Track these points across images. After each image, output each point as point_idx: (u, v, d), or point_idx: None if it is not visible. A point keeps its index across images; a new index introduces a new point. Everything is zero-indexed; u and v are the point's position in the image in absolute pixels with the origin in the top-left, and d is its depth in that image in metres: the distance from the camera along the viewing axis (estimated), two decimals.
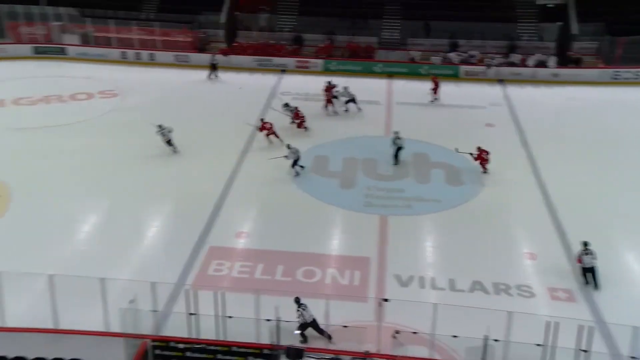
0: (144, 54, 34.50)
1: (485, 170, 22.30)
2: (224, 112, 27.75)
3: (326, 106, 28.08)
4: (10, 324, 13.75)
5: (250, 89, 30.97)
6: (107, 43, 35.23)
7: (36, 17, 35.28)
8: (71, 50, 34.76)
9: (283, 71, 33.99)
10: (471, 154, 22.38)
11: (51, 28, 35.37)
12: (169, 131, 23.14)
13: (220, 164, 22.62)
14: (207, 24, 36.59)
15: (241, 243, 18.21)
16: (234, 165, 22.63)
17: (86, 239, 18.24)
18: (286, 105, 26.44)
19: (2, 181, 20.67)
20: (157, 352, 13.15)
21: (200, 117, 27.12)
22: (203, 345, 13.18)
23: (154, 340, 13.20)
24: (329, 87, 28.21)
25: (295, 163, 21.98)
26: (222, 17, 36.69)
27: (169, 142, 23.28)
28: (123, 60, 34.28)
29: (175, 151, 23.37)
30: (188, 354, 13.09)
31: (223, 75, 32.80)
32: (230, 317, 13.61)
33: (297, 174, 22.00)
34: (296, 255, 17.44)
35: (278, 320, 13.19)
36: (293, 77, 33.28)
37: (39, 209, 19.29)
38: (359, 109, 28.25)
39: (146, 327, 13.50)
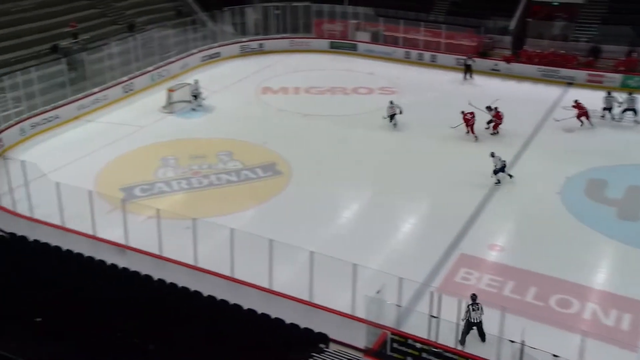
0: (427, 55, 35.15)
1: None
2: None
3: (584, 121, 26.29)
4: (275, 288, 15.24)
5: (530, 101, 29.62)
6: (394, 42, 36.73)
7: (337, 15, 38.37)
8: (361, 46, 37.00)
9: (570, 84, 31.70)
10: None
11: (348, 25, 38.17)
12: (397, 107, 25.56)
13: (486, 172, 22.00)
14: (495, 29, 35.82)
15: (493, 255, 17.62)
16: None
17: (346, 224, 19.38)
18: (489, 108, 25.53)
19: (285, 159, 23.01)
20: (395, 345, 13.39)
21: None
22: (440, 350, 13.06)
23: (393, 334, 13.48)
24: (579, 105, 26.34)
25: (500, 170, 21.23)
26: (512, 23, 35.58)
27: (391, 117, 25.68)
28: (405, 60, 35.37)
29: (394, 125, 25.72)
30: (424, 355, 13.10)
31: (504, 83, 32.05)
32: (472, 328, 13.28)
33: (499, 181, 21.17)
34: (553, 281, 16.25)
35: (522, 344, 12.44)
36: (580, 91, 30.82)
37: (312, 189, 21.05)
38: (637, 122, 25.99)
39: (388, 319, 13.83)
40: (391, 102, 26.08)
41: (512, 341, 12.78)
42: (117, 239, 17.07)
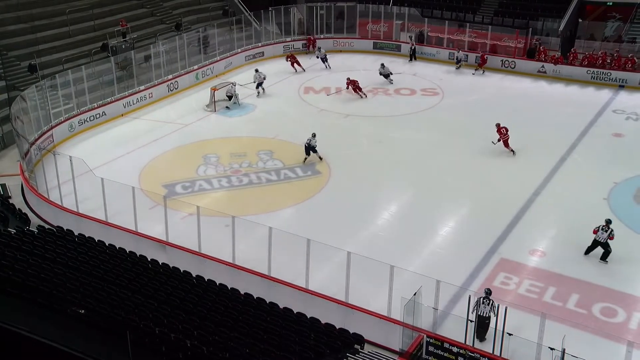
0: (471, 56, 34.59)
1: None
2: (541, 122, 26.46)
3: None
4: (311, 287, 15.23)
5: (577, 104, 28.94)
6: (439, 43, 36.33)
7: (382, 16, 38.12)
8: (405, 47, 36.65)
9: (621, 86, 30.80)
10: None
11: (392, 26, 37.91)
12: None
13: (529, 176, 21.71)
14: (544, 30, 35.05)
15: (534, 261, 17.24)
16: (543, 179, 21.49)
17: (385, 226, 19.26)
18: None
19: (325, 159, 23.03)
20: (431, 349, 13.24)
21: (515, 125, 26.26)
22: (477, 355, 12.85)
23: (429, 337, 13.34)
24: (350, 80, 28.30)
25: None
26: (562, 24, 34.77)
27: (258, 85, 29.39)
28: (449, 61, 34.88)
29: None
30: (460, 359, 12.90)
31: (551, 86, 31.45)
32: (510, 334, 13.02)
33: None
34: (597, 288, 15.82)
35: (563, 352, 12.12)
36: (633, 94, 29.96)
37: (351, 190, 21.01)
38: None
39: (424, 322, 13.69)
40: (256, 71, 29.77)
41: (552, 348, 12.48)
42: (158, 235, 17.39)
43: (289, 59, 33.43)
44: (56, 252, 15.36)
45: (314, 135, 22.70)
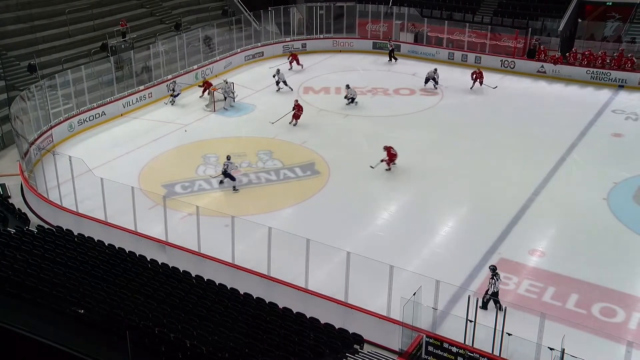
0: (470, 56, 34.63)
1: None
2: (540, 123, 26.48)
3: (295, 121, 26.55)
4: (311, 287, 15.21)
5: (577, 104, 28.96)
6: (438, 43, 36.31)
7: (381, 16, 38.11)
8: (404, 47, 36.70)
9: (621, 86, 30.80)
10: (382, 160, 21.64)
11: (392, 26, 37.89)
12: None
13: (529, 176, 21.71)
14: (543, 30, 35.05)
15: (533, 261, 17.25)
16: (542, 179, 21.50)
17: (384, 226, 19.26)
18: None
19: (324, 159, 23.04)
20: (430, 349, 13.26)
21: (515, 124, 26.37)
22: (476, 355, 12.86)
23: (428, 337, 13.34)
24: (297, 104, 26.39)
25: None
26: (561, 24, 34.78)
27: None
28: (449, 61, 34.88)
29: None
30: (460, 359, 12.93)
31: (551, 86, 31.42)
32: (509, 334, 13.03)
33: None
34: (596, 288, 15.82)
35: (563, 352, 12.13)
36: (633, 94, 29.96)
37: (350, 190, 21.02)
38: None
39: (424, 322, 13.69)
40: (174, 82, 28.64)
41: (552, 348, 12.49)
42: (157, 235, 17.39)
43: (203, 84, 29.48)
44: (56, 252, 15.35)
45: (228, 158, 21.07)
